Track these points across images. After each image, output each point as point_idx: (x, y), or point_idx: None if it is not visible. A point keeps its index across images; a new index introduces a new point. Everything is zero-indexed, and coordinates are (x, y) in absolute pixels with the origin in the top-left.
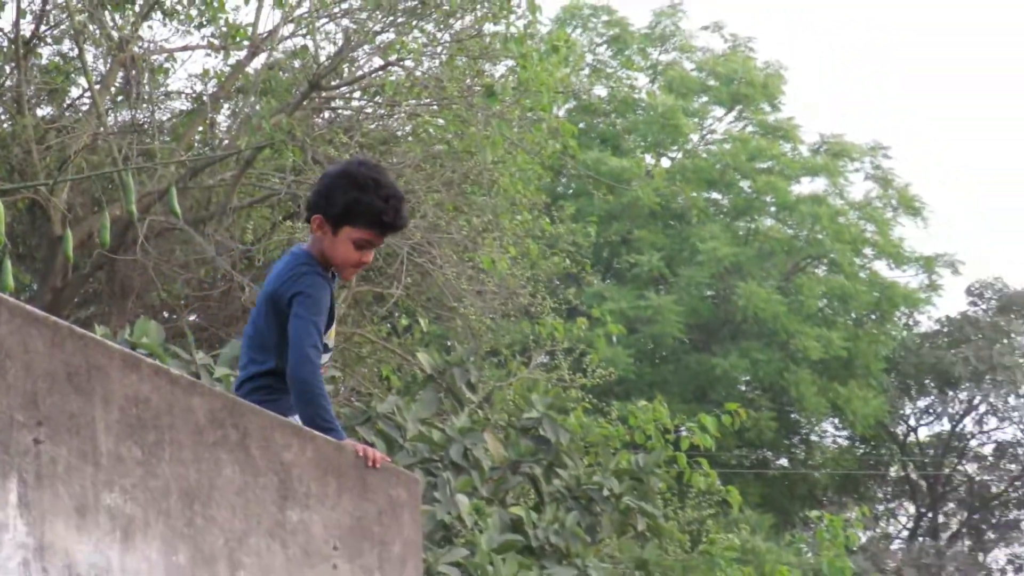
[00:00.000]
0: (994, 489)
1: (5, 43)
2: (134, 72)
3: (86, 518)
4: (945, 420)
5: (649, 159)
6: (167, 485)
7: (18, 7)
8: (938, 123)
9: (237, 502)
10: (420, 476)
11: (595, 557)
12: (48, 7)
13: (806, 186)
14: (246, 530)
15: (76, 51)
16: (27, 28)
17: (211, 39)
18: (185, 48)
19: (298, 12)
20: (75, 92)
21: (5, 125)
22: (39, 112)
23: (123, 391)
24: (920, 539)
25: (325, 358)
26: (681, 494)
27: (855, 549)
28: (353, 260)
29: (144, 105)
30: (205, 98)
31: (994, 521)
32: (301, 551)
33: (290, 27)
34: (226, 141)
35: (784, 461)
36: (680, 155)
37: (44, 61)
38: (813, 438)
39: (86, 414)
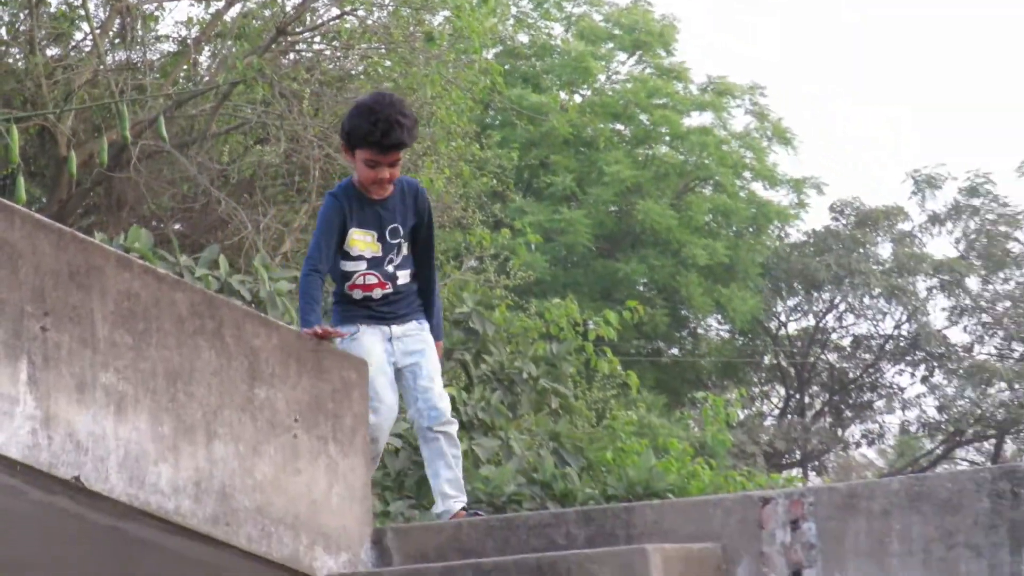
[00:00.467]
0: (851, 375)
1: None
2: (129, 19)
3: (85, 394)
4: (810, 317)
5: (563, 96)
6: (154, 367)
7: None
8: (811, 69)
9: (213, 381)
10: (368, 362)
11: (515, 430)
12: None
13: (695, 119)
14: (220, 405)
15: (80, 0)
16: None
17: None
18: None
19: None
20: (79, 35)
21: (19, 63)
22: (48, 52)
23: (117, 287)
24: (789, 417)
25: (353, 266)
26: (588, 377)
27: (734, 425)
28: (370, 177)
29: (137, 47)
30: (189, 42)
31: (851, 402)
32: (267, 423)
33: None
34: (206, 78)
35: (675, 350)
36: (589, 92)
37: (52, 9)
38: (700, 331)
39: (86, 306)
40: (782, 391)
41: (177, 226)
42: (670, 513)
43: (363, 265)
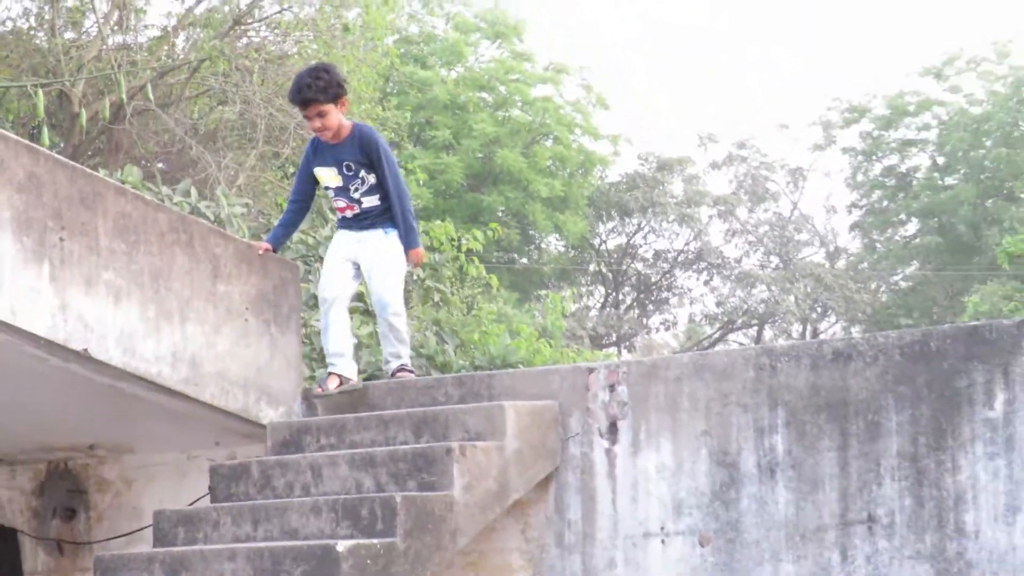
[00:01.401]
0: (653, 279)
1: None
2: (124, 11)
3: (91, 288)
4: (623, 236)
5: (444, 72)
6: (142, 268)
7: None
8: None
9: (185, 279)
10: (300, 265)
11: (407, 317)
12: None
13: (540, 90)
14: (191, 296)
15: None
16: None
17: None
18: None
19: None
20: (88, 23)
21: (43, 43)
22: (65, 35)
23: (115, 208)
24: (607, 309)
25: (330, 194)
26: (461, 279)
27: (567, 315)
28: (310, 127)
29: (131, 32)
30: (168, 28)
31: (652, 299)
32: (225, 310)
33: None
34: (182, 55)
35: (524, 260)
36: (462, 70)
37: (69, 3)
38: (543, 246)
39: (92, 223)
40: (602, 290)
41: (160, 165)
42: (520, 379)
43: (331, 193)
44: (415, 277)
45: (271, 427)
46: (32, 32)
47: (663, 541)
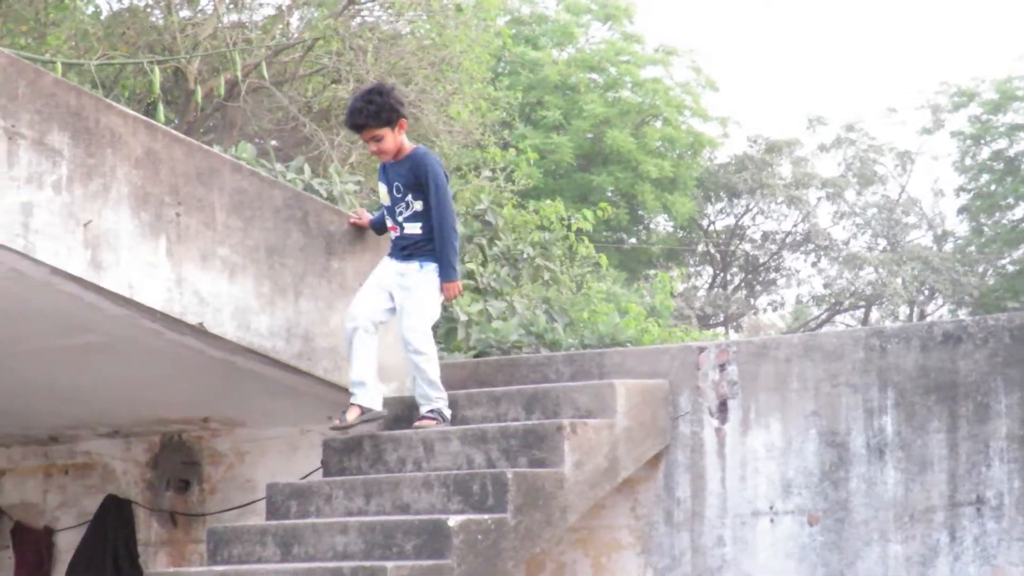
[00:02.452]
0: (760, 260)
1: None
2: None
3: (207, 263)
4: (731, 217)
5: (555, 53)
6: (257, 243)
7: None
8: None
9: (299, 255)
10: None
11: (518, 295)
12: None
13: (649, 71)
14: (305, 272)
15: None
16: None
17: None
18: None
19: None
20: (203, 2)
21: (160, 21)
22: (181, 13)
23: (231, 184)
24: (715, 289)
25: (387, 216)
26: (571, 258)
27: (675, 295)
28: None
29: (245, 10)
30: (283, 7)
31: (760, 280)
32: (339, 286)
33: None
34: (296, 34)
35: (633, 240)
36: (573, 51)
37: None
38: (651, 226)
39: (208, 198)
40: (710, 270)
41: (273, 142)
42: (631, 358)
43: (385, 210)
44: (525, 255)
45: (385, 402)
46: (148, 10)
47: (772, 520)
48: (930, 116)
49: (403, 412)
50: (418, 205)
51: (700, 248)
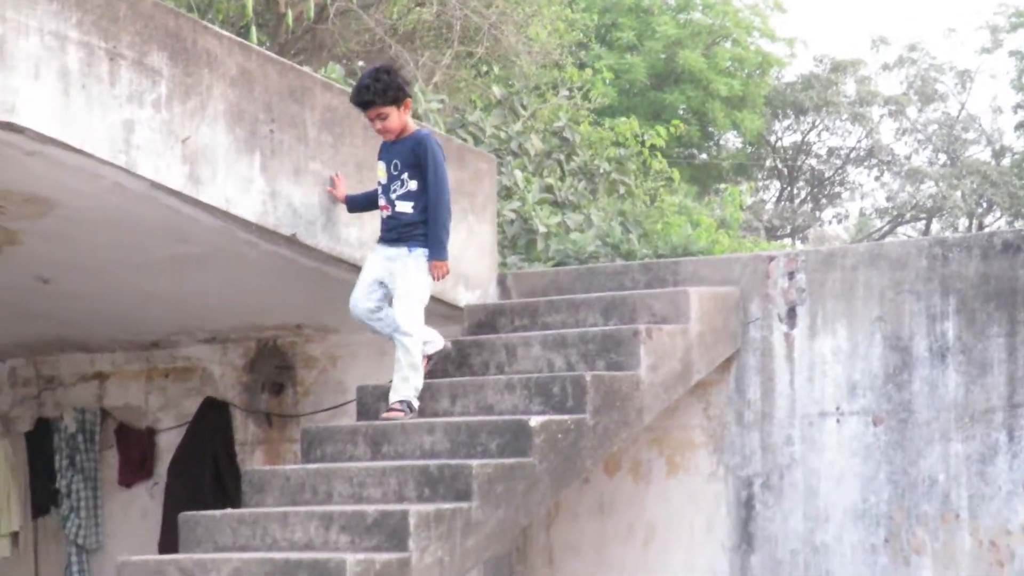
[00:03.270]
0: (826, 174)
1: None
2: None
3: (299, 177)
4: (798, 133)
5: None
6: (346, 158)
7: None
8: None
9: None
10: (493, 157)
11: (594, 208)
12: None
13: None
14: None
15: None
16: None
17: None
18: None
19: None
20: None
21: None
22: None
23: (322, 102)
24: (782, 203)
25: (379, 190)
26: (645, 173)
27: (744, 208)
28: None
29: None
30: None
31: (825, 193)
32: None
33: None
34: None
35: (704, 155)
36: None
37: None
38: (721, 142)
39: (300, 115)
40: (778, 184)
41: (360, 63)
42: (704, 266)
43: (379, 189)
44: (601, 170)
45: (467, 309)
46: None
47: (838, 420)
48: (989, 36)
49: (486, 318)
50: (413, 184)
51: (768, 163)
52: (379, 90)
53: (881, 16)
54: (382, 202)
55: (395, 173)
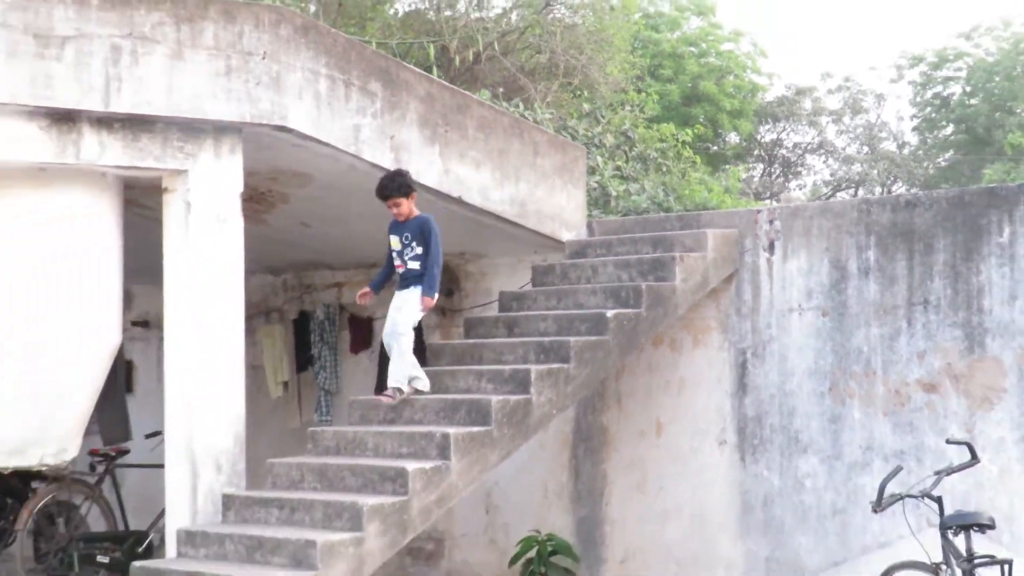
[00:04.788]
0: (792, 160)
1: None
2: None
3: (463, 160)
4: (774, 133)
5: (668, 34)
6: (491, 149)
7: None
8: None
9: (518, 155)
10: (583, 148)
11: (646, 180)
12: None
13: (726, 46)
14: (520, 165)
15: None
16: None
17: None
18: None
19: None
20: (460, 5)
21: (432, 17)
22: (445, 12)
23: (476, 114)
24: (764, 177)
25: (393, 254)
26: (678, 157)
27: (740, 181)
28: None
29: (484, 9)
30: (506, 8)
31: (792, 171)
32: (541, 174)
33: None
34: (515, 23)
35: (715, 147)
36: (679, 33)
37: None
38: (726, 139)
39: (463, 121)
40: (761, 166)
41: (500, 90)
42: (716, 216)
43: (394, 253)
44: (651, 157)
45: (568, 243)
46: (426, 11)
47: (799, 313)
48: (895, 72)
49: (579, 249)
50: (419, 250)
51: (755, 153)
52: (395, 187)
53: (827, 57)
54: (397, 263)
55: (406, 243)
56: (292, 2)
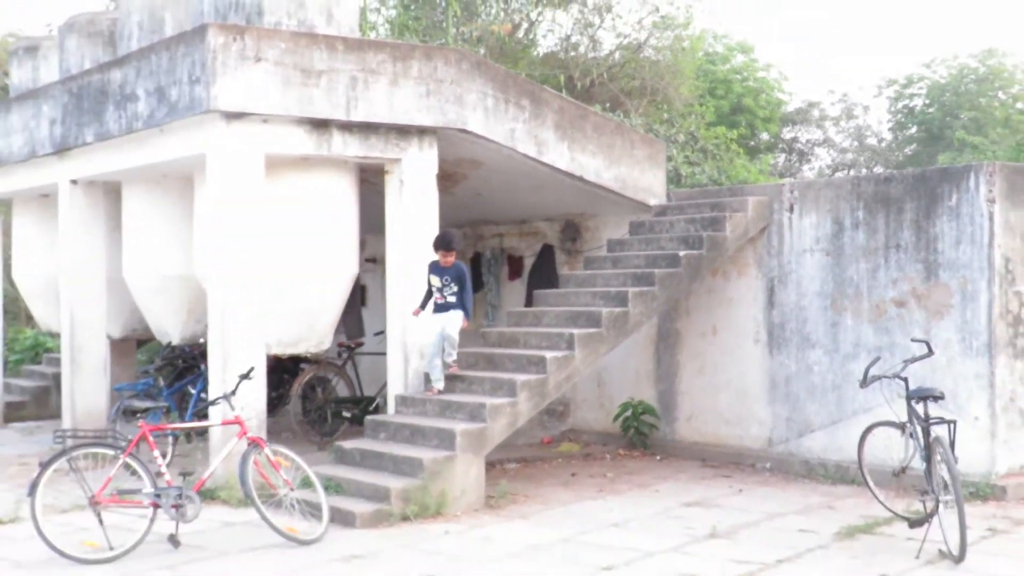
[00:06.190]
0: (805, 151)
1: None
2: (595, 40)
3: (583, 151)
4: (794, 132)
5: (722, 65)
6: (600, 143)
7: None
8: None
9: (620, 148)
10: (664, 143)
11: (707, 165)
12: None
13: (761, 74)
14: (622, 155)
15: None
16: None
17: None
18: None
19: None
20: (581, 48)
21: (561, 55)
22: (570, 53)
23: (592, 120)
24: (787, 163)
25: (434, 289)
26: (727, 149)
27: (770, 165)
28: (439, 257)
29: (595, 50)
30: (611, 49)
31: (805, 159)
32: (635, 161)
33: None
34: (615, 58)
35: (753, 142)
36: (729, 65)
37: (573, 40)
38: (760, 136)
39: (583, 125)
40: (785, 155)
41: (607, 105)
42: (754, 188)
43: (435, 290)
44: (709, 149)
45: (653, 207)
46: (557, 52)
47: (811, 254)
48: (877, 89)
49: (661, 211)
50: (455, 288)
51: (780, 146)
52: (448, 242)
53: (831, 78)
54: (437, 296)
55: (446, 283)
56: (469, 46)
